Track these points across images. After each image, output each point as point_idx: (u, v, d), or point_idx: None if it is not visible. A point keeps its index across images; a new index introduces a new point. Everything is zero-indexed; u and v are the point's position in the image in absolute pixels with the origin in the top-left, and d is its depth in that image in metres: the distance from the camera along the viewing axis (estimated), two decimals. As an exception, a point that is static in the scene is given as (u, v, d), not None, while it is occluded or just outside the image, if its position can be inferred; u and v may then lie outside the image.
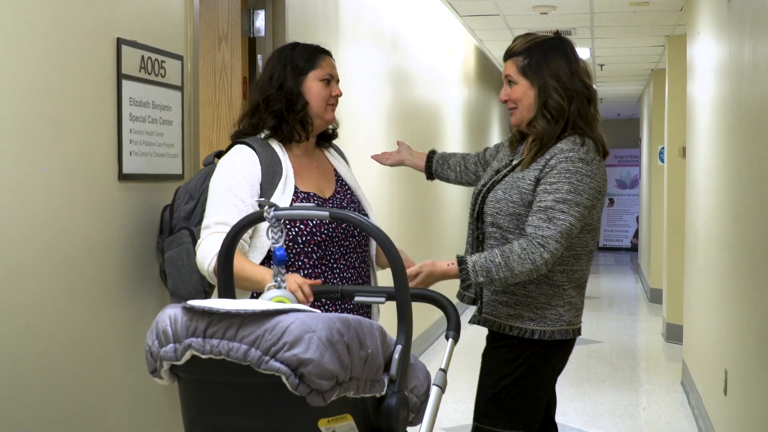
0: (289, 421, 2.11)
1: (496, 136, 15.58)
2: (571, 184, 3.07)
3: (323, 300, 3.01)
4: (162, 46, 3.66)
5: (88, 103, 3.20)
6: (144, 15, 3.56)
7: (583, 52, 12.06)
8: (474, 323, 3.36)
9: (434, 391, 2.52)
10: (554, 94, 3.14)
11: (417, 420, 2.49)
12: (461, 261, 3.03)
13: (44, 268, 2.93)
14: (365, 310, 3.20)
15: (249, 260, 3.00)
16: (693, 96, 7.60)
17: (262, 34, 5.04)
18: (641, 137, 17.26)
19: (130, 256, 3.42)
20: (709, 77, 6.30)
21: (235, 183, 3.11)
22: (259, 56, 5.06)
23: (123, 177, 3.37)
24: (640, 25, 10.05)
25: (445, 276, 3.06)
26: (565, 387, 7.50)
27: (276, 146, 3.23)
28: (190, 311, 2.14)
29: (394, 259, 2.35)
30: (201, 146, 5.01)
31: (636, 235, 21.52)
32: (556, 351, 3.21)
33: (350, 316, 2.20)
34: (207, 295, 3.23)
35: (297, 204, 3.03)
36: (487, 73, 13.96)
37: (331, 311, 3.04)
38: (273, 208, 2.47)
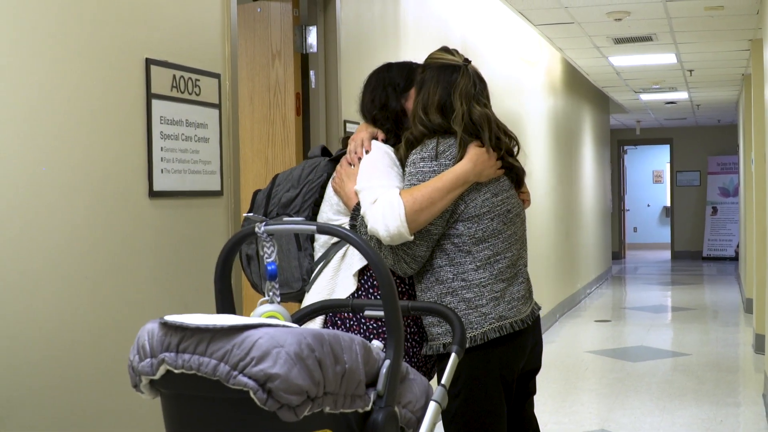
0: (263, 436, 2.11)
1: (588, 145, 15.39)
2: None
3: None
4: (197, 64, 3.73)
5: (118, 123, 3.27)
6: (177, 35, 3.63)
7: (668, 58, 11.89)
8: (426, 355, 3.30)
9: (432, 407, 2.49)
10: (414, 119, 3.26)
11: (414, 436, 2.46)
12: None
13: (70, 281, 3.00)
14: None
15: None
16: (769, 100, 7.40)
17: (315, 50, 5.11)
18: (739, 143, 16.86)
19: (160, 271, 3.47)
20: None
21: (393, 160, 3.25)
22: (311, 72, 5.13)
23: (153, 194, 3.43)
24: (720, 30, 9.83)
25: None
26: (644, 401, 7.37)
27: None
28: (166, 326, 2.16)
29: (380, 273, 2.34)
30: (257, 162, 5.09)
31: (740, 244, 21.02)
32: (493, 353, 3.12)
33: (326, 330, 2.18)
34: (304, 282, 3.29)
35: (287, 219, 3.05)
36: (575, 82, 13.81)
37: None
38: (264, 223, 2.48)
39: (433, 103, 3.20)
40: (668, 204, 25.08)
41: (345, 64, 5.22)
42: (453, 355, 2.68)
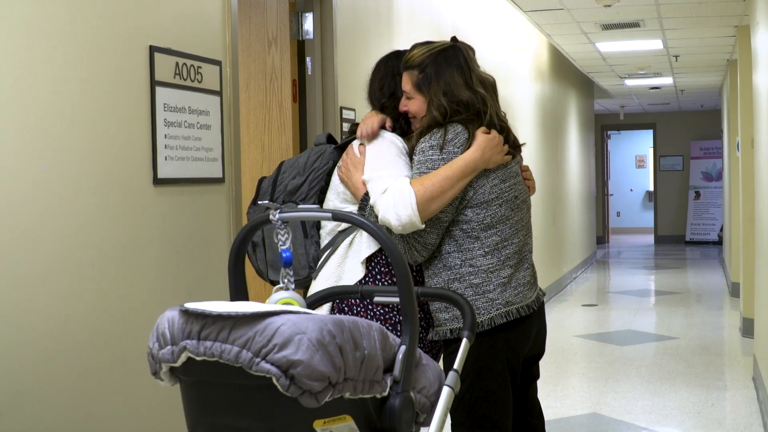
0: (283, 422, 2.12)
1: (573, 131, 15.44)
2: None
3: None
4: (198, 52, 3.74)
5: (123, 111, 3.28)
6: (180, 22, 3.64)
7: (654, 44, 11.93)
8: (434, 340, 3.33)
9: (445, 391, 2.52)
10: (439, 110, 3.22)
11: (429, 420, 2.49)
12: None
13: (77, 270, 3.01)
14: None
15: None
16: (757, 86, 7.44)
17: (311, 36, 5.11)
18: (722, 129, 16.95)
19: (164, 258, 3.49)
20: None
21: (401, 149, 3.26)
22: (308, 58, 5.14)
23: (158, 181, 3.45)
24: (708, 16, 9.87)
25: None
26: (635, 385, 7.43)
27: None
28: (186, 313, 2.17)
29: (396, 260, 2.37)
30: (253, 149, 5.08)
31: (723, 228, 21.14)
32: (500, 337, 3.16)
33: (345, 317, 2.21)
34: (311, 270, 3.31)
35: (302, 206, 3.06)
36: (562, 68, 13.85)
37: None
38: (279, 210, 2.49)
39: (458, 83, 3.22)
40: (651, 188, 25.21)
41: (341, 50, 5.24)
42: (464, 340, 2.72)
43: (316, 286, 3.19)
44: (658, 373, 7.89)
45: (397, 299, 2.93)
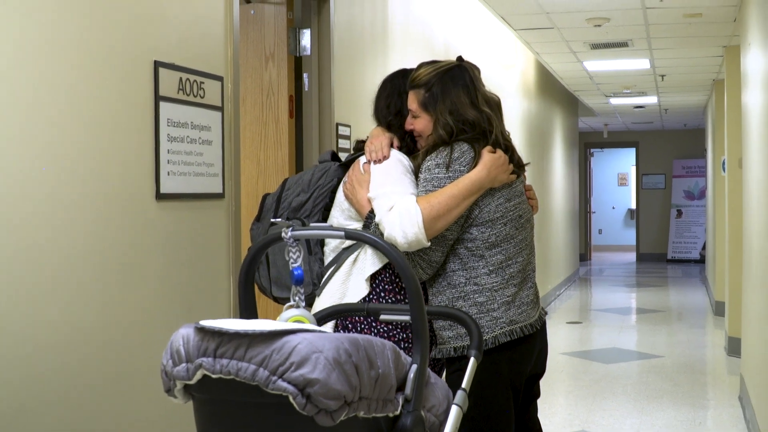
0: (298, 440, 2.13)
1: (558, 148, 15.50)
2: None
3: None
4: (201, 67, 3.75)
5: (127, 126, 3.28)
6: (183, 37, 3.65)
7: (642, 63, 12.01)
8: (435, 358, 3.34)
9: (453, 410, 2.54)
10: (445, 129, 3.23)
11: (437, 439, 2.50)
12: None
13: (80, 284, 3.01)
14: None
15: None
16: (747, 106, 7.50)
17: (308, 52, 5.13)
18: (707, 148, 17.05)
19: (166, 274, 3.49)
20: (759, 87, 6.22)
21: (407, 167, 3.27)
22: (305, 74, 5.15)
23: (160, 196, 3.45)
24: (696, 36, 9.96)
25: None
26: (622, 403, 7.45)
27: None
28: (202, 331, 2.18)
29: (408, 279, 2.38)
30: (249, 164, 5.10)
31: (705, 247, 21.22)
32: (503, 356, 3.18)
33: (360, 335, 2.22)
34: (314, 287, 3.31)
35: (314, 224, 3.07)
36: (548, 86, 13.91)
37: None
38: (291, 228, 2.50)
39: (464, 103, 3.24)
40: (633, 206, 25.31)
41: (337, 66, 5.25)
42: (472, 359, 2.73)
43: (320, 304, 3.20)
44: (645, 392, 7.92)
45: (402, 317, 2.96)
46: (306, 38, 5.13)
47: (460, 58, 3.36)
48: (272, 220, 3.21)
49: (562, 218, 15.99)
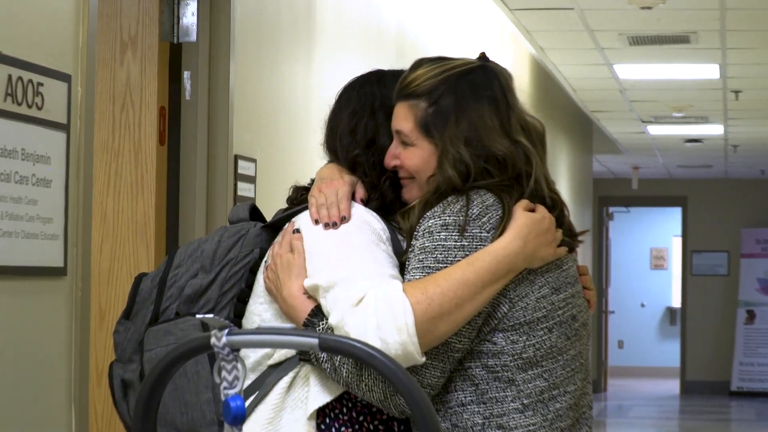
0: None
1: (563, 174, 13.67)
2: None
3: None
4: (38, 59, 3.23)
5: None
6: (10, 13, 3.16)
7: (707, 71, 9.83)
8: None
9: None
10: (457, 167, 2.64)
11: None
12: None
13: None
14: None
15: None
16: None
17: (193, 37, 4.23)
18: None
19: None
20: None
21: (380, 234, 2.74)
22: (185, 73, 4.29)
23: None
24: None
25: None
26: None
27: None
28: None
29: (425, 419, 1.86)
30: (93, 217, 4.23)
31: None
32: None
33: None
34: (221, 426, 2.83)
35: (264, 327, 2.51)
36: (549, 100, 11.86)
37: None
38: (226, 331, 1.86)
39: (490, 127, 2.65)
40: (675, 304, 20.57)
41: (240, 62, 4.38)
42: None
43: None
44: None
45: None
46: (189, 14, 4.23)
47: (483, 56, 2.80)
48: (200, 317, 2.76)
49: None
